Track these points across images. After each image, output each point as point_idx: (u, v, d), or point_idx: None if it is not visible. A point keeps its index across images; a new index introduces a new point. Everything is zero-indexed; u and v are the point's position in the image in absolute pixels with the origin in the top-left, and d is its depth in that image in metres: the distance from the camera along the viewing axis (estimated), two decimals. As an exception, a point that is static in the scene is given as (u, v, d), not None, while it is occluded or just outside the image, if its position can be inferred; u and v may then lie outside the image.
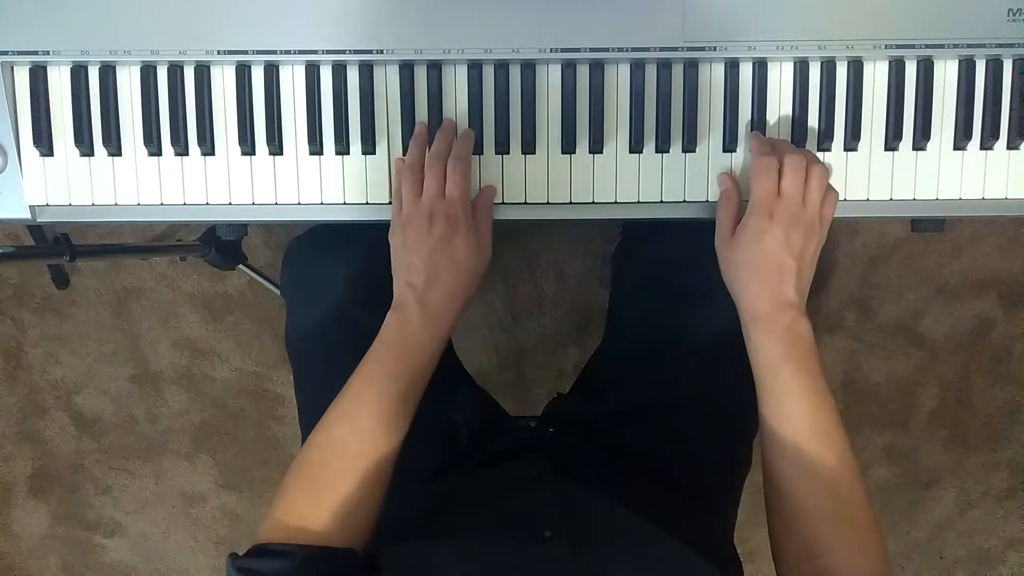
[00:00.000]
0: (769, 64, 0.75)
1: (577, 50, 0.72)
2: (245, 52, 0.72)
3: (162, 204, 0.76)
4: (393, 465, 0.71)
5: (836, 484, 0.67)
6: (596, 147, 0.75)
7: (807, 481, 0.67)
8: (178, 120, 0.74)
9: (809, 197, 0.69)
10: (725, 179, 0.74)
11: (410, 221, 0.70)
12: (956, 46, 0.73)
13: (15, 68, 0.74)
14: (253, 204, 0.76)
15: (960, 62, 0.75)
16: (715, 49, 0.73)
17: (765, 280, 0.69)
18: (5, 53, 0.72)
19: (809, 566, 0.66)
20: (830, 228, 0.72)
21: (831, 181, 0.72)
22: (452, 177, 0.70)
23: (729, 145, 0.75)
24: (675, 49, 0.73)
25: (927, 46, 0.73)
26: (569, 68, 0.74)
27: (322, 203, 0.76)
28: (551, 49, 0.72)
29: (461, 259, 0.70)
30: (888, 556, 0.67)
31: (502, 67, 0.74)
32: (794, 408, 0.68)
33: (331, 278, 0.84)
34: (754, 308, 0.69)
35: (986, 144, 0.76)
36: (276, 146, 0.75)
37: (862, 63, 0.75)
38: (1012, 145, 0.76)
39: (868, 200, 0.76)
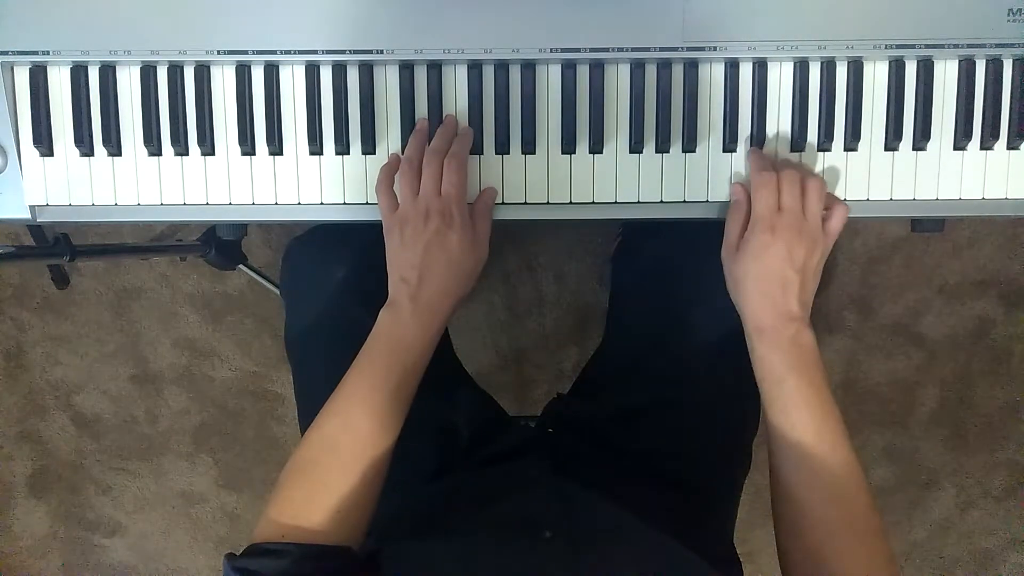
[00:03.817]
0: (769, 64, 0.75)
1: (577, 50, 0.72)
2: (245, 52, 0.72)
3: (162, 204, 0.76)
4: (387, 463, 0.71)
5: (841, 492, 0.67)
6: (596, 147, 0.75)
7: (812, 489, 0.68)
8: (178, 120, 0.74)
9: (809, 209, 0.70)
10: (738, 190, 0.74)
11: (407, 218, 0.71)
12: (956, 46, 0.73)
13: (15, 68, 0.74)
14: (253, 204, 0.76)
15: (960, 62, 0.75)
16: (715, 49, 0.73)
17: (768, 294, 0.69)
18: (5, 53, 0.72)
19: (816, 571, 0.67)
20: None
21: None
22: (448, 175, 0.71)
23: (729, 145, 0.75)
24: (675, 49, 0.73)
25: (927, 46, 0.73)
26: (569, 68, 0.74)
27: (322, 203, 0.76)
28: (551, 49, 0.72)
29: (455, 257, 0.70)
30: (896, 562, 0.67)
31: (502, 67, 0.74)
32: (799, 418, 0.68)
33: (330, 278, 0.84)
34: (758, 321, 0.70)
35: (986, 144, 0.76)
36: (276, 146, 0.75)
37: (862, 63, 0.75)
38: (1012, 145, 0.76)
39: (868, 200, 0.76)
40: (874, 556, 0.66)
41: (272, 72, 0.74)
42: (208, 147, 0.75)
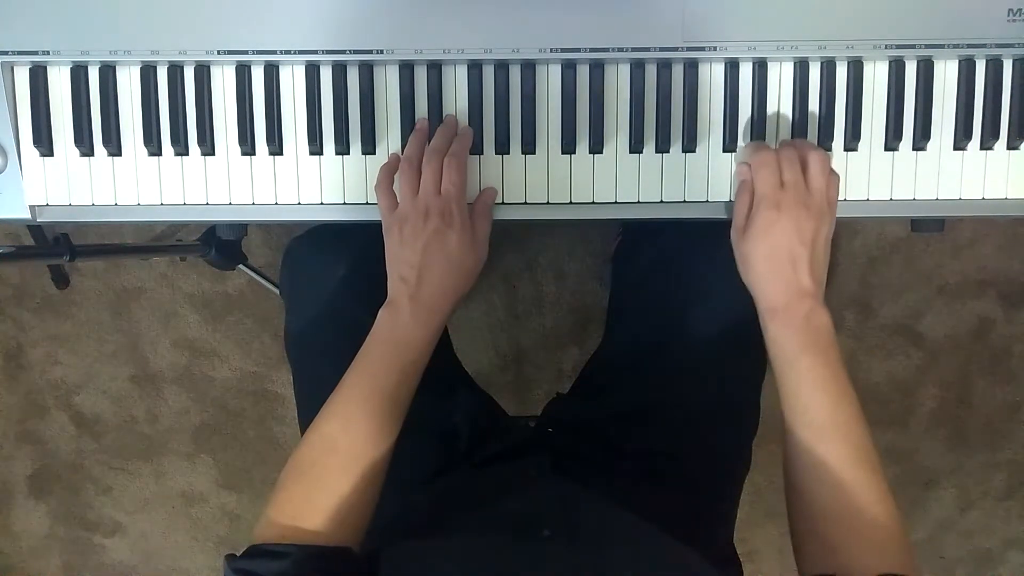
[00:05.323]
0: (769, 64, 0.75)
1: (577, 50, 0.72)
2: (245, 52, 0.72)
3: (162, 204, 0.76)
4: (387, 463, 0.71)
5: (854, 478, 0.65)
6: (596, 147, 0.75)
7: (824, 475, 0.66)
8: (178, 120, 0.74)
9: (813, 182, 0.69)
10: (744, 170, 0.73)
11: (406, 217, 0.71)
12: (956, 46, 0.73)
13: (15, 68, 0.74)
14: (253, 204, 0.76)
15: (960, 62, 0.75)
16: (715, 49, 0.73)
17: (779, 271, 0.68)
18: (5, 53, 0.72)
19: (828, 561, 0.65)
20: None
21: (839, 193, 0.72)
22: (448, 174, 0.71)
23: (729, 145, 0.75)
24: (675, 49, 0.73)
25: (927, 46, 0.73)
26: (569, 68, 0.74)
27: (322, 203, 0.76)
28: (551, 49, 0.72)
29: (454, 256, 0.70)
30: (912, 550, 0.65)
31: (502, 67, 0.74)
32: (811, 400, 0.67)
33: (330, 278, 0.84)
34: (771, 300, 0.69)
35: (986, 144, 0.76)
36: (276, 146, 0.75)
37: (862, 63, 0.75)
38: (1012, 145, 0.76)
39: (868, 200, 0.76)
40: (888, 544, 0.65)
41: (272, 72, 0.74)
42: (208, 147, 0.74)
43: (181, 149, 0.75)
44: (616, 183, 0.76)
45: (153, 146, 0.74)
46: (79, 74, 0.74)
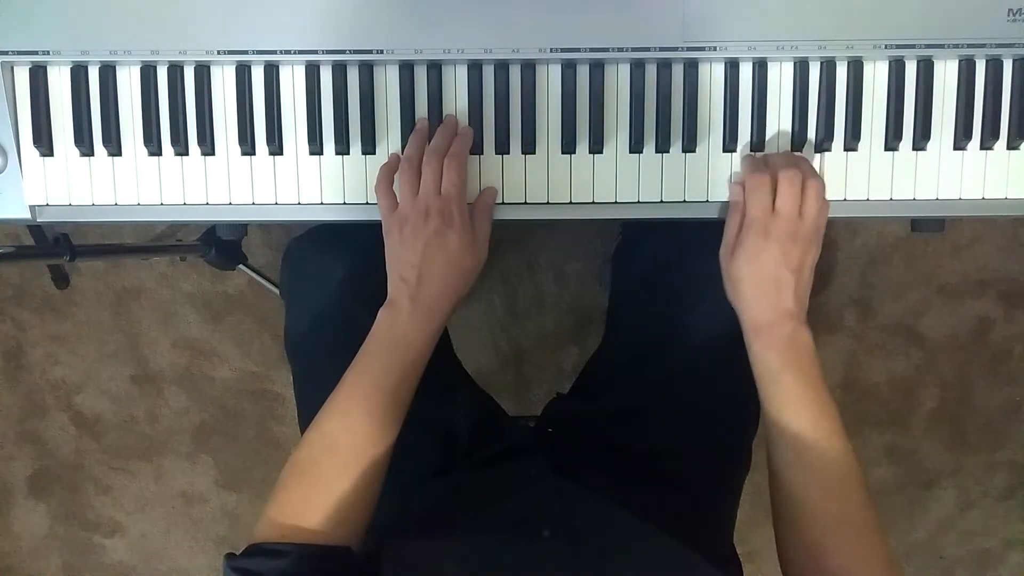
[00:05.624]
0: (769, 64, 0.75)
1: (577, 50, 0.72)
2: (245, 52, 0.72)
3: (162, 204, 0.76)
4: (386, 463, 0.71)
5: (837, 487, 0.68)
6: (596, 147, 0.75)
7: (809, 485, 0.68)
8: (178, 120, 0.74)
9: (806, 210, 0.69)
10: (737, 190, 0.73)
11: (406, 218, 0.71)
12: (956, 46, 0.73)
13: (15, 68, 0.74)
14: (253, 204, 0.76)
15: (960, 62, 0.75)
16: (715, 49, 0.73)
17: (764, 295, 0.70)
18: (5, 53, 0.72)
19: (813, 569, 0.67)
20: (830, 228, 0.72)
21: (828, 183, 0.72)
22: (448, 174, 0.71)
23: (729, 145, 0.75)
24: (675, 49, 0.73)
25: (927, 46, 0.73)
26: (569, 68, 0.74)
27: (322, 203, 0.76)
28: (551, 49, 0.72)
29: (454, 256, 0.70)
30: (892, 558, 0.67)
31: (502, 67, 0.74)
32: (795, 415, 0.69)
33: (330, 278, 0.84)
34: (754, 320, 0.70)
35: (986, 144, 0.76)
36: (276, 146, 0.75)
37: (862, 63, 0.75)
38: (1012, 145, 0.76)
39: (868, 200, 0.76)
40: (871, 551, 0.67)
41: (272, 72, 0.74)
42: (208, 147, 0.74)
43: (181, 149, 0.75)
44: (616, 183, 0.76)
45: (153, 146, 0.74)
46: (79, 74, 0.74)
